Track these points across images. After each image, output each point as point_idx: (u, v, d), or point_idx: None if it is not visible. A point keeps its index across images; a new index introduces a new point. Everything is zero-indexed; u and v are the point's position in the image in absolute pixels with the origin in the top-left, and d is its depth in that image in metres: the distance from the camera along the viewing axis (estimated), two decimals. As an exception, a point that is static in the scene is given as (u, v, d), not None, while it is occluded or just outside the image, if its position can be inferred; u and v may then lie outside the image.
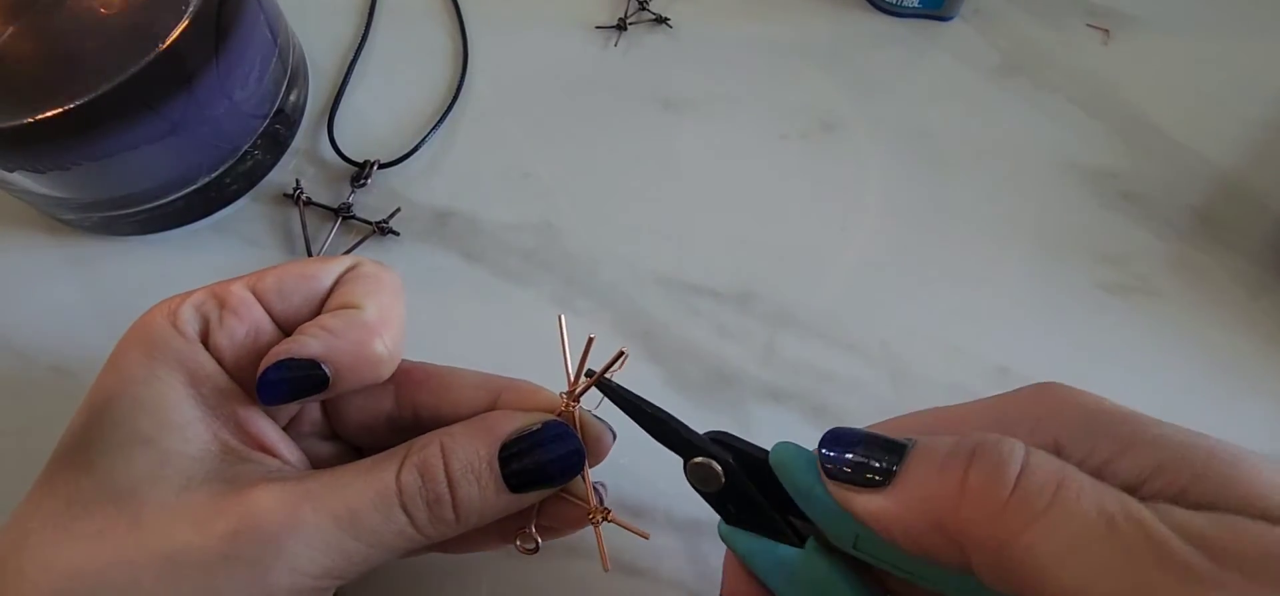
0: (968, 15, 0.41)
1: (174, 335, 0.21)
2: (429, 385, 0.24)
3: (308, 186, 0.35)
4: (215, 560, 0.19)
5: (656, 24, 0.41)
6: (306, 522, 0.19)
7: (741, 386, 0.32)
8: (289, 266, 0.24)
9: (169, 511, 0.19)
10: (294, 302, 0.23)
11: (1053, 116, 0.38)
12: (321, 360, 0.21)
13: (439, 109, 0.38)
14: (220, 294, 0.22)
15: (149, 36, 0.28)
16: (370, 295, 0.23)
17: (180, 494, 0.20)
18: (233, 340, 0.22)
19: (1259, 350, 0.33)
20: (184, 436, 0.20)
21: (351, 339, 0.22)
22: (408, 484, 0.21)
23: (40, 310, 0.33)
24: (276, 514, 0.19)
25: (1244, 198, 0.36)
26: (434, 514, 0.21)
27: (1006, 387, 0.32)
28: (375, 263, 0.25)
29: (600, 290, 0.34)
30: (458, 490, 0.21)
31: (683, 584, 0.29)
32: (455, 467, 0.21)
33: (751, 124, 0.38)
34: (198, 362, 0.21)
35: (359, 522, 0.20)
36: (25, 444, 0.30)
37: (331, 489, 0.20)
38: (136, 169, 0.31)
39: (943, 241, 0.35)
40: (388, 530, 0.21)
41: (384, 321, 0.22)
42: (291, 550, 0.19)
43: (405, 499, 0.21)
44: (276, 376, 0.21)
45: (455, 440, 0.22)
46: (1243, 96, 0.39)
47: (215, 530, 0.19)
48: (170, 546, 0.19)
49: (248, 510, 0.19)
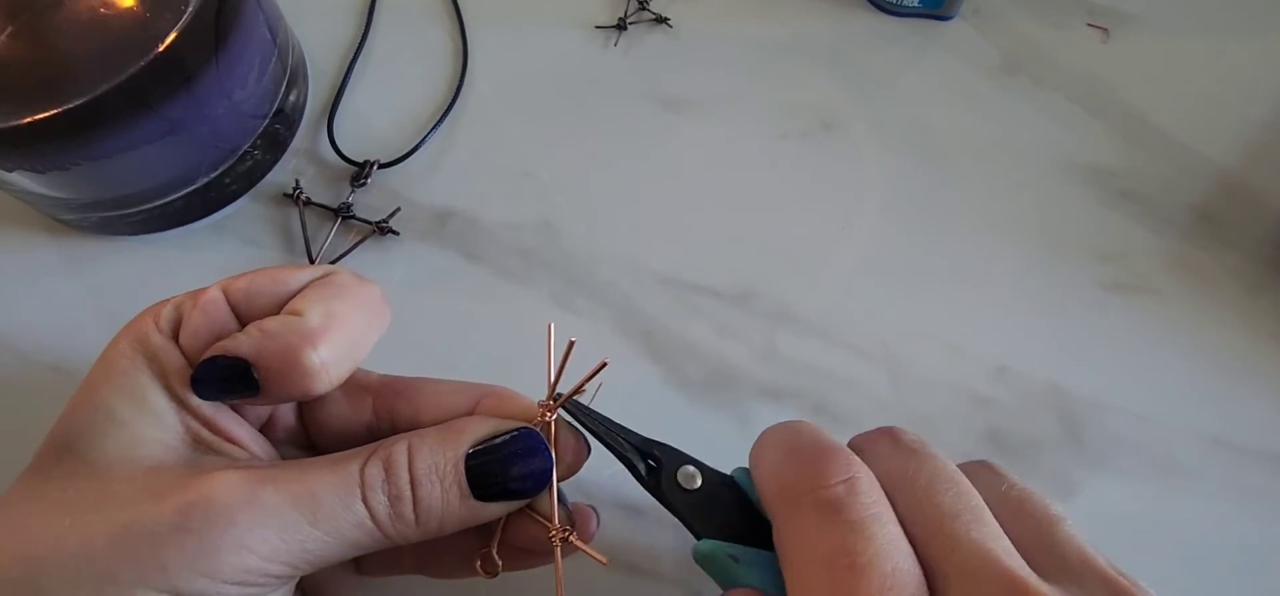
0: (968, 15, 0.41)
1: (153, 330, 0.22)
2: (407, 395, 0.24)
3: (307, 186, 0.35)
4: (166, 529, 0.19)
5: (656, 24, 0.41)
6: (264, 501, 0.19)
7: (741, 385, 0.32)
8: (263, 271, 0.24)
9: (133, 484, 0.20)
10: (258, 305, 0.23)
11: (1053, 116, 0.38)
12: (250, 359, 0.21)
13: (439, 109, 0.38)
14: (197, 296, 0.23)
15: (148, 36, 0.28)
16: (322, 302, 0.22)
17: (149, 473, 0.20)
18: (196, 338, 0.22)
19: (1259, 348, 0.33)
20: (159, 423, 0.21)
21: (282, 343, 0.21)
22: (370, 476, 0.21)
23: (40, 310, 0.33)
24: (233, 491, 0.19)
25: (1244, 196, 0.36)
26: (394, 510, 0.21)
27: (1006, 387, 0.32)
28: (353, 273, 0.24)
29: (600, 289, 0.34)
30: (419, 488, 0.21)
31: (683, 583, 0.29)
32: (419, 467, 0.21)
33: (751, 124, 0.38)
34: (167, 356, 0.22)
35: (317, 507, 0.20)
36: (25, 444, 0.30)
37: (293, 473, 0.20)
38: (136, 169, 0.31)
39: (942, 241, 0.35)
40: (346, 520, 0.20)
41: (325, 330, 0.22)
42: (244, 525, 0.19)
43: (366, 490, 0.21)
44: (205, 372, 0.21)
45: (423, 440, 0.22)
46: (1243, 96, 0.39)
47: (170, 502, 0.19)
48: (126, 515, 0.19)
49: (205, 484, 0.19)
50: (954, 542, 0.19)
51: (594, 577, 0.29)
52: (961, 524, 0.19)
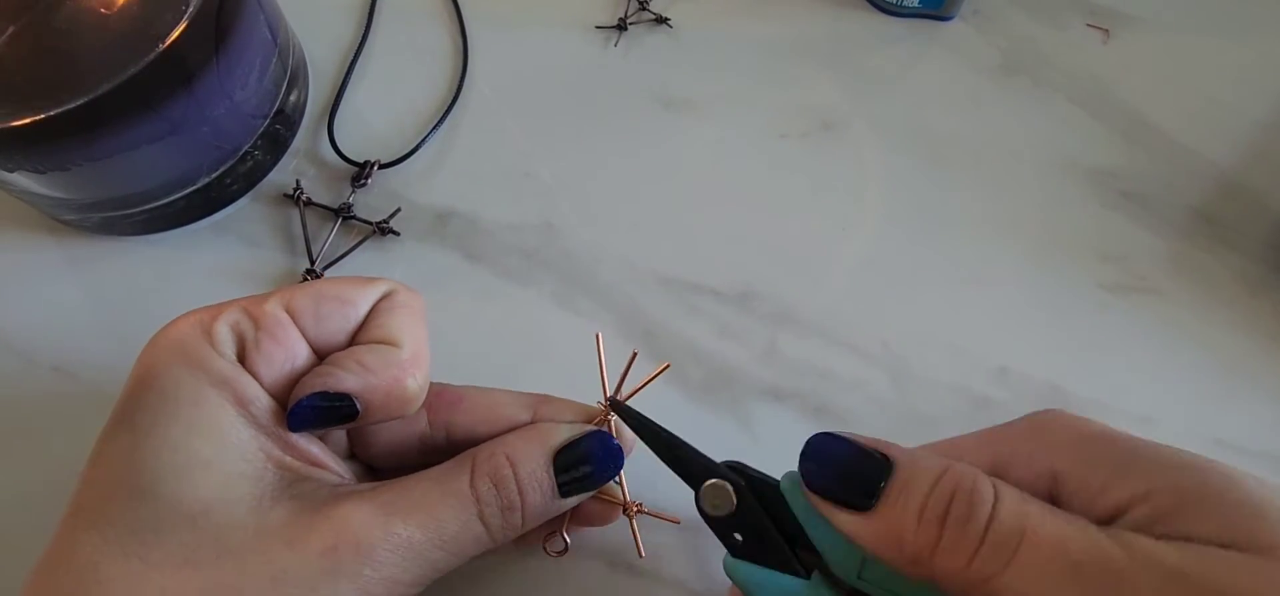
0: (968, 15, 0.41)
1: (214, 355, 0.21)
2: (462, 407, 0.25)
3: (308, 186, 0.35)
4: (317, 575, 0.19)
5: (656, 24, 0.41)
6: (398, 533, 0.20)
7: (742, 386, 0.32)
8: (325, 288, 0.24)
9: (256, 532, 0.20)
10: (329, 328, 0.23)
11: (1053, 116, 0.38)
12: (357, 395, 0.21)
13: (439, 109, 0.38)
14: (255, 314, 0.22)
15: (149, 36, 0.28)
16: (407, 329, 0.23)
17: (255, 514, 0.20)
18: (271, 365, 0.22)
19: (1259, 349, 0.33)
20: (242, 456, 0.21)
21: (386, 377, 0.22)
22: (484, 493, 0.22)
23: (40, 310, 0.33)
24: (370, 528, 0.20)
25: (1244, 197, 0.36)
26: (506, 520, 0.22)
27: (1006, 387, 0.32)
28: (408, 290, 0.25)
29: (600, 290, 0.34)
30: (526, 497, 0.23)
31: (683, 583, 0.29)
32: (523, 475, 0.23)
33: (751, 124, 0.38)
34: (242, 383, 0.21)
35: (444, 533, 0.21)
36: (25, 444, 0.30)
37: (412, 502, 0.21)
38: (136, 169, 0.31)
39: (943, 241, 0.35)
40: (467, 537, 0.22)
41: (417, 359, 0.23)
42: (388, 561, 0.20)
43: (483, 508, 0.22)
44: (309, 406, 0.21)
45: (517, 450, 0.23)
46: (1243, 96, 0.39)
47: (313, 546, 0.19)
48: (271, 567, 0.19)
49: (342, 525, 0.20)
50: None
51: (595, 577, 0.29)
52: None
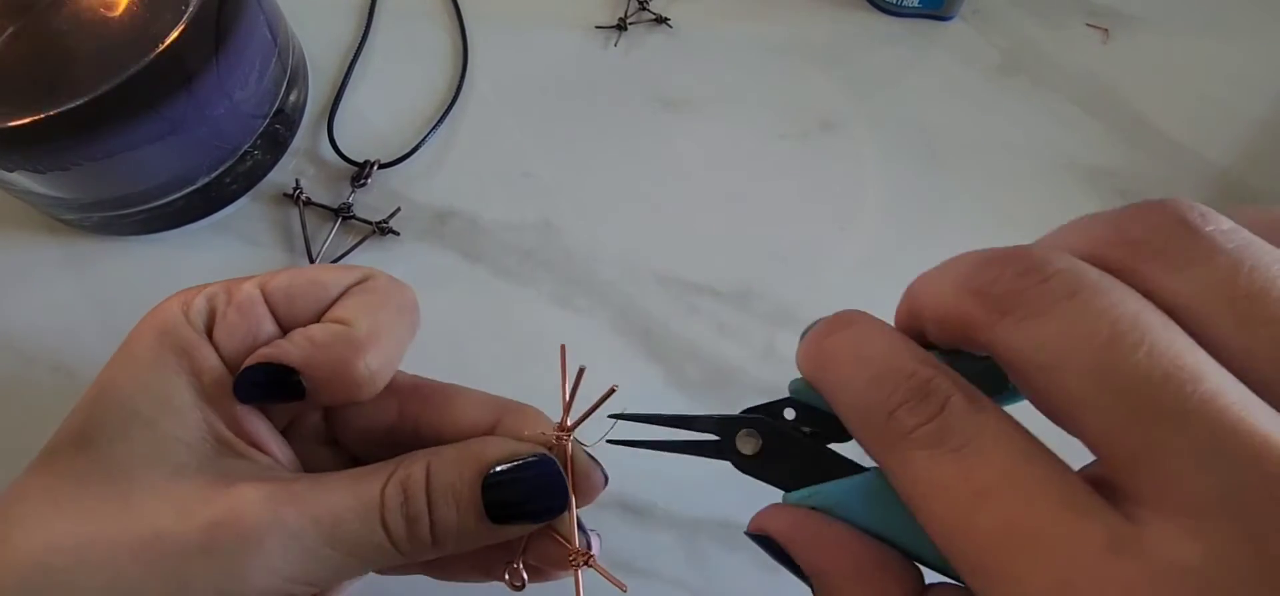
0: (968, 15, 0.41)
1: (183, 324, 0.21)
2: (433, 401, 0.24)
3: (308, 186, 0.35)
4: (192, 550, 0.19)
5: (656, 24, 0.41)
6: (287, 524, 0.19)
7: (741, 385, 0.32)
8: (301, 271, 0.23)
9: (156, 494, 0.20)
10: (299, 308, 0.23)
11: (1052, 116, 0.38)
12: (300, 369, 0.21)
13: (439, 109, 0.38)
14: (231, 289, 0.22)
15: (149, 36, 0.28)
16: (368, 310, 0.23)
17: (171, 479, 0.20)
18: (232, 337, 0.22)
19: (1259, 349, 0.33)
20: (182, 421, 0.21)
21: (334, 354, 0.21)
22: (390, 498, 0.21)
23: (40, 310, 0.33)
24: (258, 511, 0.19)
25: (1244, 197, 0.36)
26: (412, 532, 0.21)
27: (1006, 387, 0.32)
28: (389, 278, 0.24)
29: (600, 289, 0.34)
30: (436, 511, 0.21)
31: (683, 583, 0.29)
32: (436, 488, 0.21)
33: (751, 124, 0.38)
34: (201, 354, 0.21)
35: (339, 530, 0.20)
36: (25, 444, 0.30)
37: (316, 494, 0.20)
38: (136, 169, 0.31)
39: (942, 240, 0.35)
40: (366, 542, 0.20)
41: (373, 339, 0.22)
42: (269, 549, 0.19)
43: (386, 513, 0.21)
44: (252, 377, 0.21)
45: (441, 460, 0.22)
46: (1243, 96, 0.39)
47: (196, 519, 0.19)
48: (150, 530, 0.19)
49: (231, 504, 0.19)
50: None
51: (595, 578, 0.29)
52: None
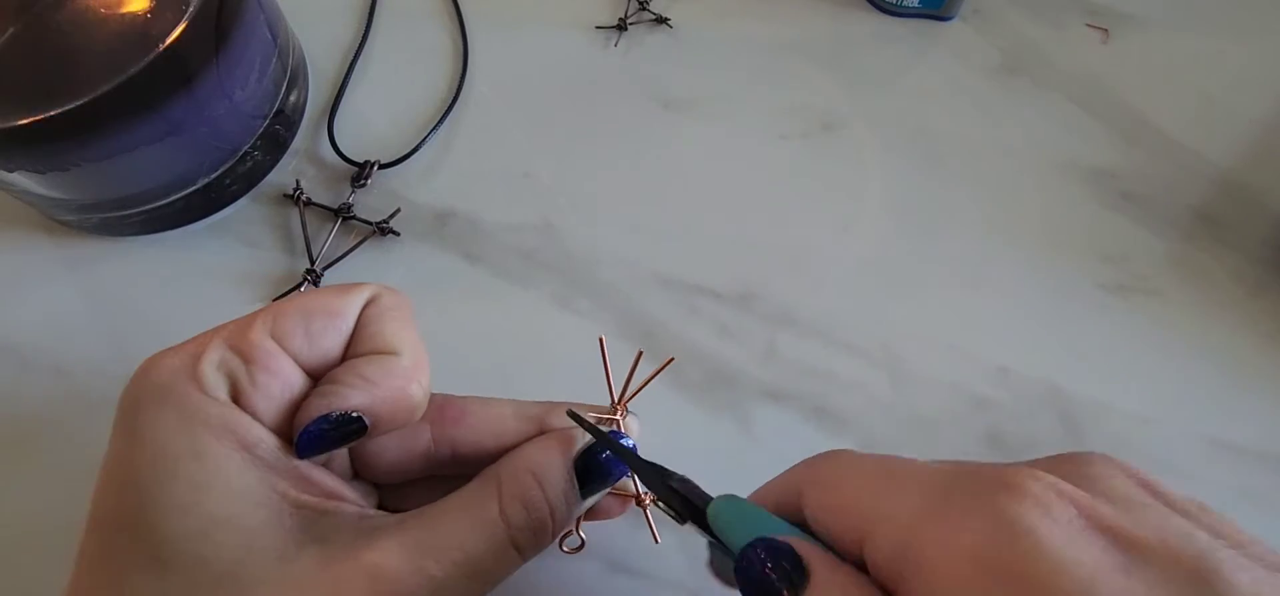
0: (968, 15, 0.41)
1: (206, 401, 0.20)
2: (467, 421, 0.24)
3: (308, 187, 0.35)
4: None
5: (656, 24, 0.41)
6: (434, 576, 0.20)
7: (741, 386, 0.32)
8: (309, 304, 0.22)
9: (289, 587, 0.19)
10: (322, 346, 0.22)
11: (1053, 116, 0.38)
12: (362, 411, 0.21)
13: (439, 109, 0.38)
14: (242, 347, 0.21)
15: (149, 36, 0.28)
16: (401, 336, 0.23)
17: (281, 566, 0.19)
18: (269, 399, 0.21)
19: (1259, 349, 0.33)
20: (257, 504, 0.20)
21: (390, 388, 0.21)
22: (515, 517, 0.22)
23: (40, 310, 0.33)
24: (405, 574, 0.19)
25: (1244, 197, 0.36)
26: (538, 541, 0.22)
27: (1006, 388, 0.32)
28: (393, 292, 0.24)
29: (600, 290, 0.34)
30: (556, 514, 0.22)
31: (683, 584, 0.29)
32: (552, 492, 0.22)
33: (751, 124, 0.38)
34: (243, 426, 0.20)
35: (478, 566, 0.21)
36: (25, 444, 0.30)
37: (440, 537, 0.21)
38: (136, 169, 0.31)
39: (943, 241, 0.35)
40: (502, 565, 0.22)
41: (418, 365, 0.23)
42: None
43: (514, 532, 0.22)
44: (318, 430, 0.21)
45: (541, 466, 0.23)
46: (1243, 96, 0.39)
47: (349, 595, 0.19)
48: None
49: (375, 573, 0.19)
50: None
51: (595, 578, 0.29)
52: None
